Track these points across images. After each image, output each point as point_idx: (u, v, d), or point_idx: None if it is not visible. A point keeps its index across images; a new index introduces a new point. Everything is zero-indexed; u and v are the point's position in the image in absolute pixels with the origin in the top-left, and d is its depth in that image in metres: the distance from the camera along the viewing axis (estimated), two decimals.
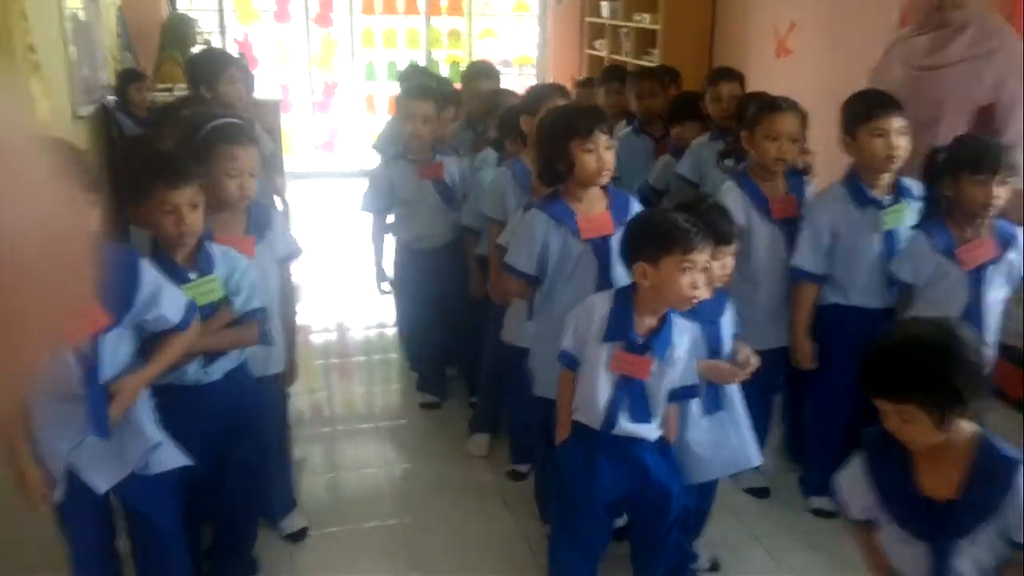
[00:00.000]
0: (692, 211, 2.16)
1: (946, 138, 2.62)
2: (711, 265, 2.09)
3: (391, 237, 3.52)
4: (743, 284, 2.70)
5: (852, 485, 1.78)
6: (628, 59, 6.39)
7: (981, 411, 1.66)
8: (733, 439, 2.35)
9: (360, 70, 7.85)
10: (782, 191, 2.80)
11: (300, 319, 2.70)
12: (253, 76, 3.77)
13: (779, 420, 3.13)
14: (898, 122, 2.58)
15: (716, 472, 2.41)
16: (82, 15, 4.93)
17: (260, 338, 2.24)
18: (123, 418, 1.90)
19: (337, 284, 5.07)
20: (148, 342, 1.97)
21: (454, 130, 3.73)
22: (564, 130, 2.35)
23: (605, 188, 2.45)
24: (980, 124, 2.98)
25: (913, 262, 2.55)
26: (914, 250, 2.55)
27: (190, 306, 1.99)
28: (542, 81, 7.48)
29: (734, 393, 2.35)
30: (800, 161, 2.87)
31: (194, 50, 5.71)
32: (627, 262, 2.12)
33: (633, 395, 2.11)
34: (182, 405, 2.09)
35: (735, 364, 2.29)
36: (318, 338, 4.41)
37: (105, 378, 1.86)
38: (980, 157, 2.40)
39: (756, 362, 2.30)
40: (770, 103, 2.79)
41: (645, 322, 2.10)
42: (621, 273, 2.29)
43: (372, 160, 3.88)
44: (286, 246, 2.49)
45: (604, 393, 2.10)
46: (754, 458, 2.40)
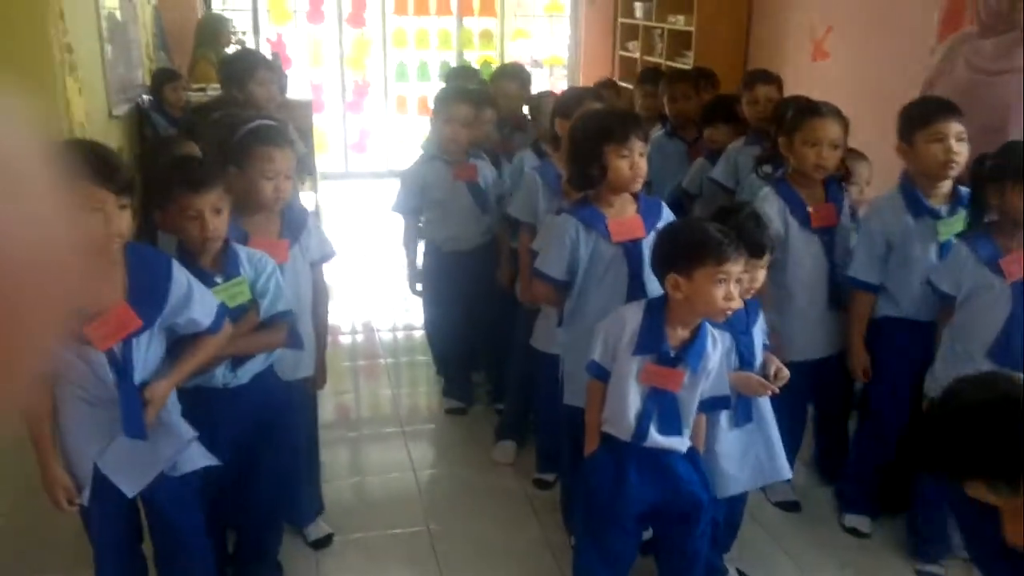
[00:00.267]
0: (729, 219, 2.12)
1: None
2: (743, 277, 2.04)
3: (421, 240, 3.50)
4: (778, 293, 2.64)
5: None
6: (661, 61, 6.31)
7: None
8: (762, 451, 2.30)
9: (392, 71, 7.86)
10: (821, 199, 2.72)
11: (330, 321, 2.69)
12: (286, 76, 3.77)
13: (811, 433, 3.06)
14: (957, 127, 2.49)
15: (745, 485, 2.36)
16: (119, 15, 4.97)
17: (288, 341, 2.23)
18: (155, 419, 1.91)
19: (366, 285, 5.06)
20: (176, 345, 1.97)
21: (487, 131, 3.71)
22: (599, 134, 2.31)
23: (635, 193, 2.41)
24: None
25: (954, 272, 2.44)
26: (955, 260, 2.44)
27: (221, 309, 1.99)
28: (573, 83, 7.44)
29: (764, 405, 2.30)
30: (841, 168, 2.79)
31: (227, 50, 5.74)
32: (659, 273, 2.08)
33: (664, 407, 2.07)
34: (209, 408, 2.09)
35: (765, 377, 2.24)
36: (346, 339, 4.41)
37: (137, 380, 1.86)
38: None
39: (786, 375, 2.25)
40: (811, 108, 2.72)
41: (677, 334, 2.06)
42: (653, 278, 2.24)
43: (403, 161, 3.87)
44: (320, 248, 2.47)
45: (634, 405, 2.06)
46: (784, 471, 2.35)
